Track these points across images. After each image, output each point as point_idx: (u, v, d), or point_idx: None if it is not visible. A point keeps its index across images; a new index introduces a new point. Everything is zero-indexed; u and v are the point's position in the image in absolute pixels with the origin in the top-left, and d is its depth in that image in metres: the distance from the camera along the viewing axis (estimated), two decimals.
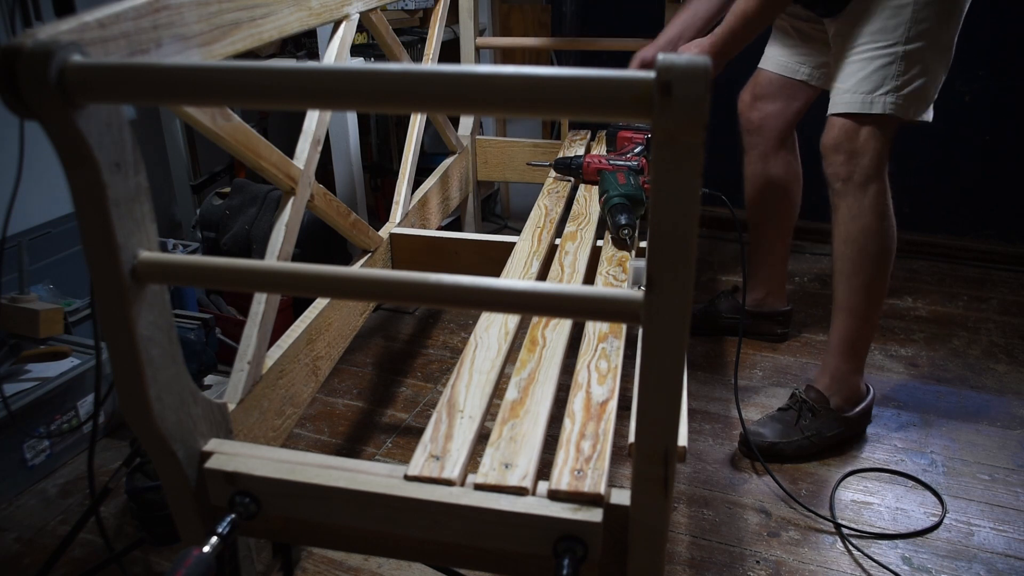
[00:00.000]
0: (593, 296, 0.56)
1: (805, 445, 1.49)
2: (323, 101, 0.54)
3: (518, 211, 2.79)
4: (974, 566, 1.27)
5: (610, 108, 0.48)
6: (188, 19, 0.80)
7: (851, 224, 1.42)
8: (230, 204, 1.86)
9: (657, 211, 0.50)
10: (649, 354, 0.55)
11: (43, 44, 0.53)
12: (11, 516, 1.39)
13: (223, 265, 0.63)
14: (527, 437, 0.79)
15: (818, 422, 1.51)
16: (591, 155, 1.59)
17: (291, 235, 1.11)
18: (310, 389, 1.18)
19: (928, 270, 2.33)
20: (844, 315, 1.49)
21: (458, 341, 1.97)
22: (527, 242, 1.33)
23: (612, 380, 0.90)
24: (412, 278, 0.59)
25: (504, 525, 0.68)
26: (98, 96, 0.55)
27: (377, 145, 2.42)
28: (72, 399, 1.52)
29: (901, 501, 1.41)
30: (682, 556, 1.29)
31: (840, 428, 1.52)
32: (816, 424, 1.51)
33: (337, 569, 1.25)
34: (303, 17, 1.10)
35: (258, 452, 0.76)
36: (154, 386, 0.66)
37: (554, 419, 0.84)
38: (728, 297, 1.98)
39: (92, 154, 0.56)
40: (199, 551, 0.65)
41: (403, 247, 1.54)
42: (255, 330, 1.02)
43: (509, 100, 0.49)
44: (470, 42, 2.02)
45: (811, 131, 2.23)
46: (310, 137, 1.19)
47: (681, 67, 0.46)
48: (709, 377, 1.79)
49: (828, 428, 1.51)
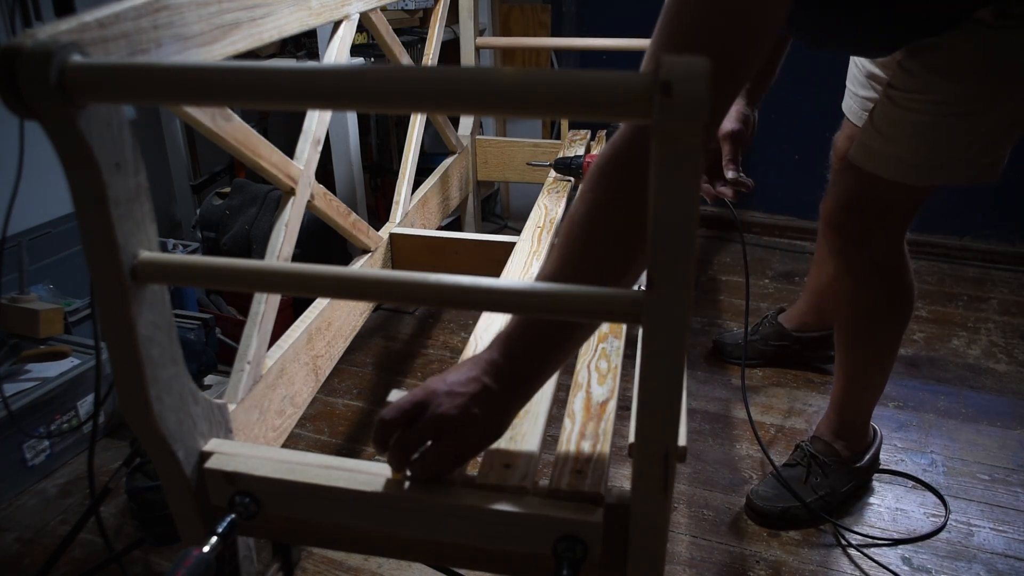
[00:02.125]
0: (593, 296, 0.56)
1: (819, 506, 1.34)
2: (323, 101, 0.54)
3: (518, 211, 2.79)
4: (974, 566, 1.27)
5: (610, 108, 0.48)
6: (188, 19, 0.80)
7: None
8: (230, 204, 1.86)
9: (657, 211, 0.50)
10: (649, 354, 0.55)
11: (43, 44, 0.53)
12: (11, 516, 1.39)
13: (223, 265, 0.63)
14: (527, 437, 0.79)
15: (830, 480, 1.36)
16: (591, 155, 1.59)
17: (291, 235, 1.11)
18: (310, 389, 1.18)
19: (928, 270, 2.33)
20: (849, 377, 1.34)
21: (458, 341, 1.97)
22: (527, 242, 1.33)
23: (612, 380, 0.90)
24: (412, 278, 0.59)
25: (504, 525, 0.68)
26: (98, 96, 0.55)
27: (377, 145, 2.42)
28: (72, 399, 1.52)
29: (901, 502, 1.41)
30: (682, 556, 1.29)
31: (853, 481, 1.38)
32: (828, 482, 1.36)
33: (337, 569, 1.25)
34: (303, 17, 1.10)
35: (258, 452, 0.76)
36: (154, 386, 0.66)
37: (554, 419, 0.84)
38: (771, 323, 1.80)
39: (92, 154, 0.56)
40: (199, 551, 0.64)
41: (403, 247, 1.54)
42: (255, 330, 1.02)
43: (509, 100, 0.49)
44: (470, 42, 2.02)
45: (818, 128, 2.23)
46: (310, 137, 1.19)
47: (681, 67, 0.46)
48: (709, 377, 1.79)
49: (841, 483, 1.37)
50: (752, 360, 1.79)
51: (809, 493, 1.35)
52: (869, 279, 1.21)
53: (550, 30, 2.65)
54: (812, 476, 1.37)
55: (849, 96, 1.42)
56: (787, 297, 2.16)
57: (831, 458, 1.37)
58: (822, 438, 1.40)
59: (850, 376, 1.33)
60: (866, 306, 1.24)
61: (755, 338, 1.80)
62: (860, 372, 1.32)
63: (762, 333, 1.80)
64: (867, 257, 1.19)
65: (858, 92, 1.39)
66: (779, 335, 1.78)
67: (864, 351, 1.30)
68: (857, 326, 1.28)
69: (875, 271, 1.20)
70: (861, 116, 1.37)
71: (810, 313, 1.74)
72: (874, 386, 1.34)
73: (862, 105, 1.37)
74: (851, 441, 1.39)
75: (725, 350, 1.85)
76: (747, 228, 2.59)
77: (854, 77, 1.40)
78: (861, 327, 1.28)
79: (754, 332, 1.81)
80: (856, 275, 1.21)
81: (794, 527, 1.35)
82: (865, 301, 1.24)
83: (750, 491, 1.38)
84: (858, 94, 1.39)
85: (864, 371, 1.32)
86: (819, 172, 1.45)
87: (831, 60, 2.14)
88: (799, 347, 1.77)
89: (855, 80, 1.40)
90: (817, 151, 1.46)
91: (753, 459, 1.52)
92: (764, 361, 1.81)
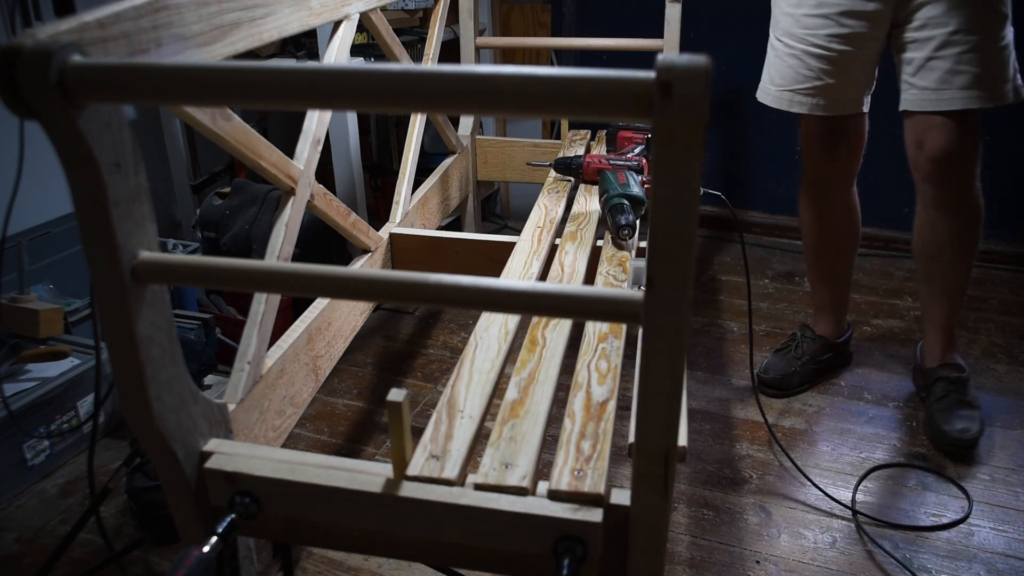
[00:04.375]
0: (593, 296, 0.56)
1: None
2: (323, 101, 0.54)
3: (518, 211, 2.79)
4: (974, 566, 1.27)
5: (610, 108, 0.48)
6: (188, 19, 0.80)
7: None
8: (230, 204, 1.86)
9: (657, 211, 0.50)
10: (649, 354, 0.55)
11: (43, 44, 0.53)
12: (11, 516, 1.39)
13: (223, 265, 0.63)
14: (527, 437, 0.79)
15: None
16: (591, 155, 1.59)
17: (291, 235, 1.11)
18: (310, 389, 1.18)
19: None
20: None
21: (458, 341, 1.97)
22: (527, 242, 1.33)
23: (612, 380, 0.90)
24: (412, 278, 0.59)
25: (504, 525, 0.68)
26: (98, 96, 0.55)
27: (377, 145, 2.42)
28: (72, 399, 1.52)
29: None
30: (682, 556, 1.29)
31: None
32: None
33: (337, 569, 1.25)
34: (303, 17, 1.10)
35: (258, 452, 0.76)
36: (154, 386, 0.66)
37: (554, 419, 0.84)
38: (811, 340, 1.76)
39: (92, 154, 0.56)
40: (199, 551, 0.65)
41: (403, 247, 1.54)
42: (255, 330, 1.02)
43: (509, 100, 0.49)
44: (470, 42, 2.02)
45: None
46: (310, 137, 1.19)
47: (681, 67, 0.46)
48: (709, 377, 1.79)
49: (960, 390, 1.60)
50: (803, 386, 1.74)
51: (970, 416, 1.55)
52: (970, 212, 1.49)
53: (550, 30, 2.65)
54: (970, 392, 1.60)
55: (906, 88, 1.46)
56: (787, 297, 2.16)
57: (962, 374, 1.61)
58: (954, 362, 1.62)
59: (956, 296, 1.57)
60: (970, 232, 1.51)
61: (800, 361, 1.72)
62: (962, 289, 1.57)
63: (806, 352, 1.74)
64: (962, 193, 1.46)
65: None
66: (825, 348, 1.75)
67: (967, 270, 1.55)
68: (962, 254, 1.52)
69: (969, 201, 1.48)
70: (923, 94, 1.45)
71: (841, 314, 1.78)
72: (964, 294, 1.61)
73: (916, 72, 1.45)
74: (956, 349, 1.65)
75: (782, 384, 1.72)
76: (747, 228, 2.59)
77: (868, 66, 1.51)
78: (966, 253, 1.52)
79: (798, 356, 1.73)
80: (959, 212, 1.48)
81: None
82: (969, 229, 1.50)
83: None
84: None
85: (964, 286, 1.57)
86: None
87: None
88: (843, 350, 1.80)
89: (866, 63, 1.50)
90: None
91: (753, 459, 1.52)
92: (816, 377, 1.76)
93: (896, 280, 2.26)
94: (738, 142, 2.57)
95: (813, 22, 1.45)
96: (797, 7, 1.47)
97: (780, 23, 1.53)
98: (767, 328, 2.00)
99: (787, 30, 1.51)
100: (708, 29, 2.44)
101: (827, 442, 1.57)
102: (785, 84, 1.54)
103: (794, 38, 1.49)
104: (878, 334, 1.97)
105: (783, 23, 1.52)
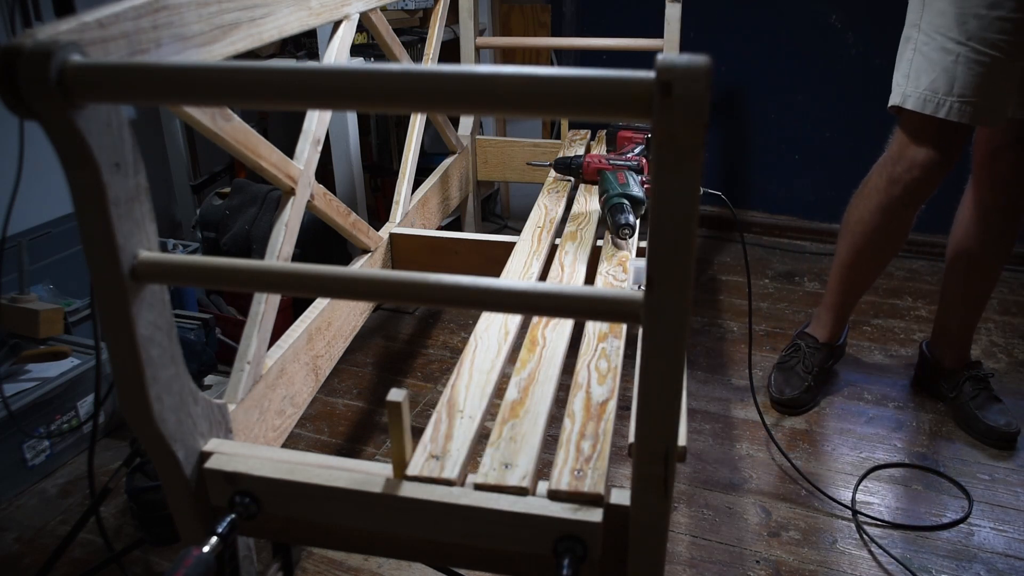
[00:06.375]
0: (593, 296, 0.56)
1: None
2: (323, 101, 0.54)
3: (518, 211, 2.79)
4: (974, 566, 1.27)
5: (610, 108, 0.48)
6: (188, 19, 0.80)
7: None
8: (230, 204, 1.86)
9: (657, 211, 0.50)
10: (649, 354, 0.55)
11: (43, 44, 0.53)
12: (11, 516, 1.39)
13: (223, 265, 0.63)
14: (527, 437, 0.79)
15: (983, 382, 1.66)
16: (591, 155, 1.59)
17: (291, 235, 1.11)
18: (310, 389, 1.18)
19: (928, 270, 2.33)
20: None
21: (458, 341, 1.97)
22: (527, 242, 1.33)
23: (612, 380, 0.90)
24: (412, 278, 0.59)
25: (504, 525, 0.68)
26: (98, 96, 0.55)
27: (377, 145, 2.42)
28: (72, 399, 1.52)
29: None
30: (682, 556, 1.29)
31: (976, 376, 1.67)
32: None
33: (337, 569, 1.25)
34: (303, 17, 1.10)
35: (258, 452, 0.76)
36: (154, 386, 0.66)
37: (554, 419, 0.84)
38: (815, 349, 1.73)
39: (92, 154, 0.56)
40: (199, 551, 0.65)
41: (403, 247, 1.54)
42: (255, 330, 1.02)
43: (509, 100, 0.49)
44: (470, 42, 2.02)
45: (818, 128, 2.22)
46: (310, 137, 1.19)
47: (681, 67, 0.46)
48: (709, 377, 1.79)
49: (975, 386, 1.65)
50: (817, 397, 1.71)
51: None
52: (1010, 224, 1.55)
53: (550, 30, 2.65)
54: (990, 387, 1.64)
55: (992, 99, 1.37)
56: (787, 297, 2.16)
57: (983, 371, 1.67)
58: (975, 360, 1.68)
59: (979, 303, 1.65)
60: (1006, 245, 1.57)
61: (811, 375, 1.69)
62: (986, 298, 1.65)
63: (814, 365, 1.70)
64: (1010, 203, 1.52)
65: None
66: (828, 354, 1.74)
67: (994, 279, 1.63)
68: (992, 265, 1.60)
69: (1015, 213, 1.53)
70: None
71: (847, 316, 1.74)
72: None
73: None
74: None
75: (799, 403, 1.68)
76: (747, 228, 2.59)
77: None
78: (996, 264, 1.60)
79: (808, 370, 1.70)
80: (1003, 220, 1.54)
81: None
82: (1006, 241, 1.56)
83: None
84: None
85: (988, 295, 1.65)
86: (819, 172, 1.44)
87: (831, 61, 2.15)
88: (843, 349, 1.81)
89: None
90: (817, 151, 1.45)
91: (753, 459, 1.52)
92: (825, 383, 1.75)
93: (896, 280, 2.26)
94: (738, 142, 2.57)
95: (1008, 26, 1.30)
96: (991, 8, 1.30)
97: (967, 25, 1.32)
98: (767, 328, 2.00)
99: (976, 34, 1.32)
100: (708, 29, 2.44)
101: (827, 442, 1.57)
102: (968, 94, 1.34)
103: (985, 43, 1.31)
104: (878, 334, 1.97)
105: (972, 26, 1.32)
